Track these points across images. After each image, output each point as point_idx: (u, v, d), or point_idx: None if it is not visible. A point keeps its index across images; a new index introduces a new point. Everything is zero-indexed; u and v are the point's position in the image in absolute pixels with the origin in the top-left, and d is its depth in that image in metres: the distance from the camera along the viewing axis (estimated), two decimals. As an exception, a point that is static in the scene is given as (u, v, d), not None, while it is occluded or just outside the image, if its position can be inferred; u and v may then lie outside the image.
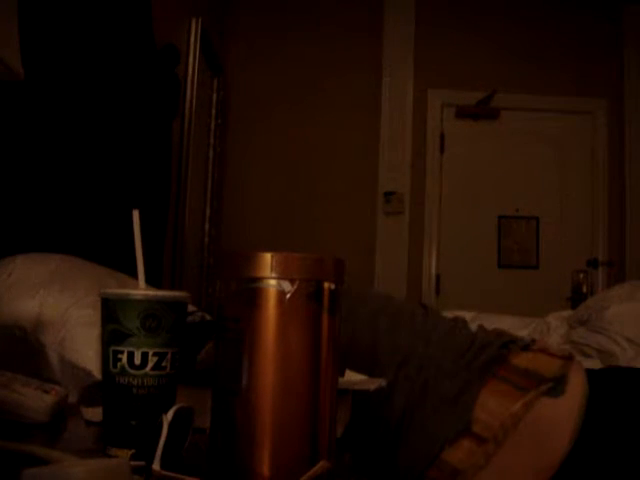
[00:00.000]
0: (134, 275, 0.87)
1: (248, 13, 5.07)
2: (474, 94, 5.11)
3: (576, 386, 1.08)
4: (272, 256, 0.70)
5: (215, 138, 4.62)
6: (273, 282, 0.70)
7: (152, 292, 0.81)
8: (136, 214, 0.83)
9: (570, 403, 1.06)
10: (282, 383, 0.70)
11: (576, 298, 4.49)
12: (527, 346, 1.15)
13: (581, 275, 4.77)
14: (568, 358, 1.12)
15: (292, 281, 0.70)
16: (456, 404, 1.07)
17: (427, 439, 1.06)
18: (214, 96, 4.61)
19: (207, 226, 4.52)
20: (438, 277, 5.05)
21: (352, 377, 1.02)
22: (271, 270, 0.69)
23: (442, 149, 5.16)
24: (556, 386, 1.07)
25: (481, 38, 5.14)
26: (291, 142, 5.01)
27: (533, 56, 5.14)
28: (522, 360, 1.11)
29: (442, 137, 5.16)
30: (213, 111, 4.60)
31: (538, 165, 5.17)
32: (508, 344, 1.15)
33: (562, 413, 1.06)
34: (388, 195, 4.97)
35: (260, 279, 0.70)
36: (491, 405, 1.05)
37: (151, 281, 0.94)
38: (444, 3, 5.15)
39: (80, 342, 1.17)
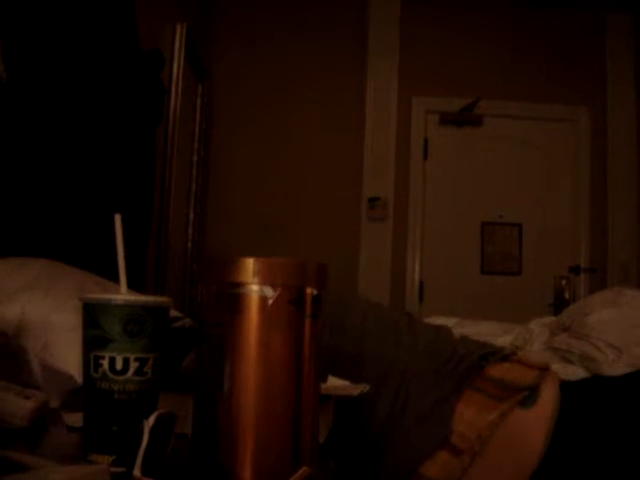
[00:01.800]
0: (117, 280, 0.86)
1: (233, 19, 5.07)
2: (458, 101, 5.13)
3: (548, 396, 1.10)
4: (254, 261, 0.69)
5: (199, 143, 4.62)
6: (255, 287, 0.69)
7: (134, 297, 0.81)
8: (118, 218, 0.82)
9: (542, 412, 1.08)
10: (264, 388, 0.70)
11: (558, 304, 4.51)
12: (506, 357, 1.16)
13: (563, 281, 4.79)
14: (544, 369, 1.14)
15: (274, 287, 0.70)
16: (435, 416, 1.08)
17: (407, 453, 1.07)
18: (198, 101, 4.60)
19: (191, 230, 4.51)
20: (421, 284, 5.06)
21: (335, 383, 1.02)
22: (253, 275, 0.69)
23: (426, 155, 5.17)
24: (529, 395, 1.08)
25: (465, 45, 5.17)
26: (275, 147, 5.01)
27: (517, 63, 5.17)
28: (498, 371, 1.12)
29: (426, 143, 5.18)
30: (197, 116, 4.59)
31: (521, 172, 5.20)
32: (487, 356, 1.16)
33: (533, 423, 1.07)
34: (372, 201, 4.97)
35: (242, 284, 0.70)
36: (467, 416, 1.07)
37: (133, 286, 0.94)
38: (429, 11, 5.17)
39: (62, 347, 1.16)
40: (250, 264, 0.69)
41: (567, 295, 4.67)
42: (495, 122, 5.22)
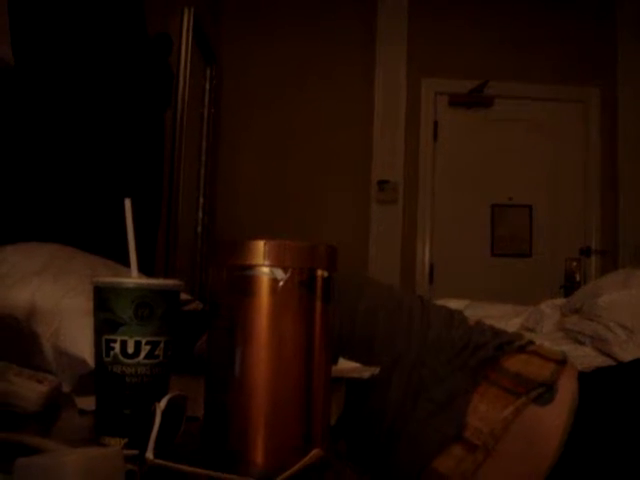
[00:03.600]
0: (127, 264, 0.86)
1: (241, 3, 5.04)
2: (467, 82, 5.11)
3: (566, 393, 1.08)
4: (265, 244, 0.69)
5: (208, 127, 4.61)
6: (266, 270, 0.69)
7: (144, 280, 0.81)
8: (128, 203, 0.82)
9: (559, 411, 1.06)
10: (275, 371, 0.70)
11: (569, 286, 4.50)
12: (522, 347, 1.15)
13: (574, 263, 4.79)
14: (561, 362, 1.12)
15: (285, 269, 0.69)
16: (449, 409, 1.07)
17: (420, 446, 1.06)
18: (207, 85, 4.59)
19: (200, 214, 4.51)
20: (432, 266, 5.05)
21: (346, 365, 1.02)
22: (264, 258, 0.69)
23: (435, 137, 5.15)
24: (545, 392, 1.07)
25: (474, 27, 5.13)
26: (285, 131, 5.00)
27: (526, 44, 5.13)
28: (514, 363, 1.11)
29: (435, 125, 5.16)
30: (206, 100, 4.58)
31: (531, 153, 5.17)
32: (503, 346, 1.14)
33: (550, 421, 1.05)
34: (382, 184, 4.96)
35: (253, 267, 0.70)
36: (482, 410, 1.05)
37: (144, 270, 0.94)
38: (437, -9, 5.14)
39: (74, 331, 1.17)
40: (261, 246, 0.69)
41: (578, 277, 4.67)
42: (505, 103, 5.19)
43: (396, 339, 1.14)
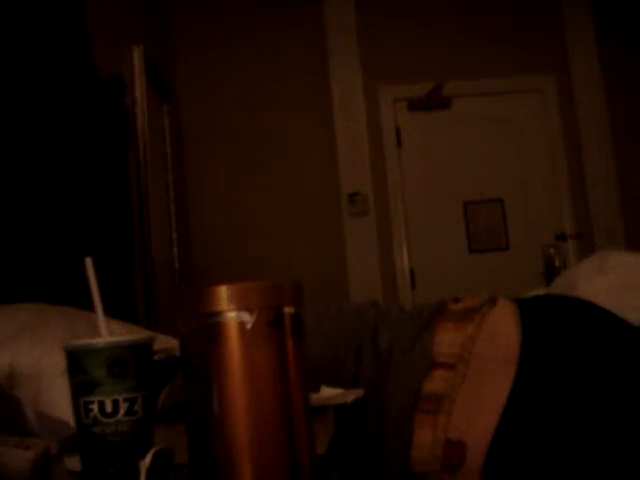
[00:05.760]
0: (108, 310, 0.86)
1: (190, 35, 5.06)
2: (424, 86, 5.15)
3: (504, 300, 1.31)
4: (228, 288, 0.70)
5: (173, 162, 4.60)
6: (232, 314, 0.70)
7: (115, 338, 0.80)
8: (89, 262, 0.82)
9: (504, 306, 1.28)
10: (254, 411, 0.70)
11: (549, 273, 4.52)
12: (458, 299, 1.35)
13: (552, 250, 4.81)
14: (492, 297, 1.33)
15: (251, 311, 0.70)
16: (415, 350, 1.23)
17: (404, 383, 1.19)
18: (166, 121, 4.58)
19: (176, 250, 4.49)
20: (412, 271, 5.07)
21: (328, 392, 1.02)
22: (229, 303, 0.70)
23: (399, 143, 5.18)
24: (489, 304, 1.28)
25: (424, 29, 5.18)
26: (249, 154, 5.01)
27: (477, 40, 5.18)
28: (458, 305, 1.32)
29: (398, 132, 5.18)
30: (167, 136, 4.57)
31: (496, 147, 5.22)
32: (442, 301, 1.36)
33: (504, 315, 1.25)
34: (352, 196, 4.98)
35: (219, 313, 0.70)
36: (447, 339, 1.23)
37: (125, 314, 0.93)
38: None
39: (55, 394, 1.16)
40: (223, 292, 0.70)
41: (557, 263, 4.69)
42: (464, 102, 5.23)
43: (351, 335, 1.33)
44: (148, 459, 0.73)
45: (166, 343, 0.95)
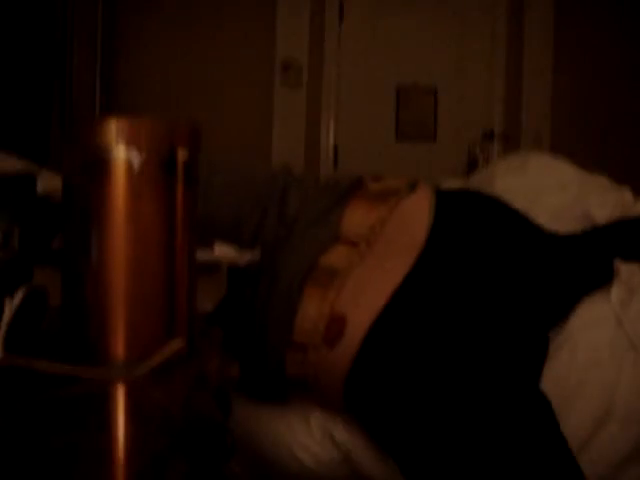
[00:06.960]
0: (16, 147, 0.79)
1: None
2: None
3: (424, 187, 1.29)
4: (117, 121, 0.63)
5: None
6: (120, 152, 0.64)
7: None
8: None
9: (422, 194, 1.26)
10: (134, 260, 0.66)
11: (472, 170, 4.56)
12: (378, 178, 1.33)
13: (477, 148, 4.84)
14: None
15: (140, 150, 0.64)
16: (321, 222, 1.21)
17: (303, 253, 1.17)
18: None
19: (98, 96, 4.31)
20: (336, 149, 5.02)
21: (222, 250, 0.98)
22: (117, 137, 0.63)
23: (341, 17, 5.02)
24: (409, 188, 1.26)
25: None
26: (183, 6, 4.79)
27: None
28: (376, 186, 1.29)
29: (341, 6, 5.02)
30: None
31: (438, 35, 5.11)
32: (361, 177, 1.33)
33: (419, 202, 1.24)
34: (286, 67, 4.85)
35: (105, 148, 0.64)
36: (357, 218, 1.20)
37: (38, 158, 0.87)
38: None
39: None
40: (112, 125, 0.63)
41: (480, 162, 4.74)
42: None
43: (258, 196, 1.27)
44: (19, 295, 0.69)
45: (52, 180, 0.89)
